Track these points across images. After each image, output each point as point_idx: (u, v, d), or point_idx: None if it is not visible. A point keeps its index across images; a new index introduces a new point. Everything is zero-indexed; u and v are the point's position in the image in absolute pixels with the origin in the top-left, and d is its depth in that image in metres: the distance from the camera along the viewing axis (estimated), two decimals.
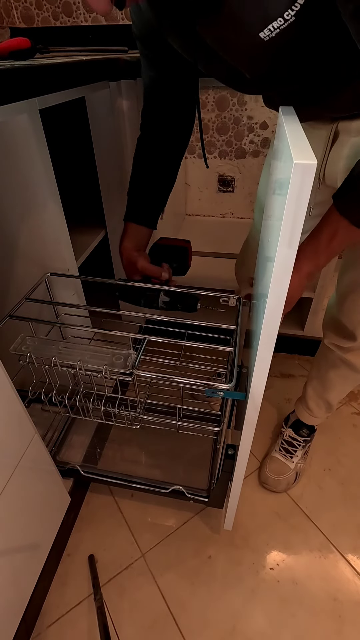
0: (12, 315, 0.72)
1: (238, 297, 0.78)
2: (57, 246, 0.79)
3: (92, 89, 0.80)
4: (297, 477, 1.01)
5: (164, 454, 1.02)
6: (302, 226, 0.34)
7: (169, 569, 0.86)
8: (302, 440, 1.03)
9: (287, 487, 1.00)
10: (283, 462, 1.02)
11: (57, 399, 0.80)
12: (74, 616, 0.79)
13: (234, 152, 1.48)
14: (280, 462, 1.02)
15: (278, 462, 1.02)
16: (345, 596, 0.82)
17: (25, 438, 0.65)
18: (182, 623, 0.78)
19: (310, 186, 0.31)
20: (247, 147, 1.46)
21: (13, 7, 1.32)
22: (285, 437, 1.05)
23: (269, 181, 0.67)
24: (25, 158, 0.67)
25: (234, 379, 0.60)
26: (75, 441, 1.01)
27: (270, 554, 0.89)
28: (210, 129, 1.45)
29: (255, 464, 1.06)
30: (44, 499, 0.75)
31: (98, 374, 0.67)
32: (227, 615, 0.79)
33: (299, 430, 1.04)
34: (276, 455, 1.03)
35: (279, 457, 1.03)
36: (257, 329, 0.50)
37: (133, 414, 0.81)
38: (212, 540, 0.91)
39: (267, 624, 0.78)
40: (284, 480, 0.99)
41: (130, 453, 1.02)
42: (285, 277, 0.38)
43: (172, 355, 0.90)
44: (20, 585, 0.70)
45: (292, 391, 1.28)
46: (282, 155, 0.41)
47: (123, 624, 0.78)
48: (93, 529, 0.92)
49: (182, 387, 0.76)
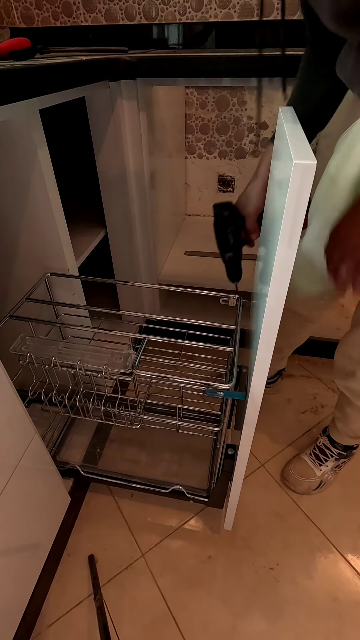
0: (12, 315, 0.72)
1: (238, 297, 0.78)
2: (57, 246, 0.79)
3: (92, 89, 0.80)
4: (321, 485, 0.97)
5: (164, 454, 1.02)
6: (302, 226, 0.34)
7: (169, 569, 0.86)
8: (336, 452, 0.98)
9: (307, 491, 0.97)
10: (309, 466, 0.98)
11: (57, 399, 0.80)
12: (74, 616, 0.79)
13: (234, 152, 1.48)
14: (306, 465, 0.99)
15: (304, 465, 0.99)
16: (345, 596, 0.82)
17: (25, 438, 0.65)
18: (182, 623, 0.78)
19: (310, 186, 0.31)
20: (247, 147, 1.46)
21: (13, 7, 1.32)
22: (319, 443, 1.01)
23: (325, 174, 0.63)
24: (25, 158, 0.67)
25: (234, 379, 0.60)
26: (75, 441, 1.02)
27: (270, 554, 0.88)
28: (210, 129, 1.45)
29: (256, 464, 1.06)
30: (43, 499, 0.75)
31: (98, 374, 0.67)
32: (227, 615, 0.79)
33: (334, 442, 0.99)
34: (304, 458, 1.00)
35: (307, 460, 1.00)
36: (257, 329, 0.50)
37: (133, 414, 0.81)
38: (212, 540, 0.91)
39: (267, 624, 0.78)
40: (305, 483, 0.97)
41: (130, 453, 1.03)
42: (286, 276, 0.38)
43: (172, 355, 0.90)
44: (20, 585, 0.70)
45: (292, 391, 1.28)
46: (282, 155, 0.41)
47: (123, 624, 0.78)
48: (93, 529, 0.92)
49: (182, 387, 0.76)
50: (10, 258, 0.82)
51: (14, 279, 0.85)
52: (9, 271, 0.84)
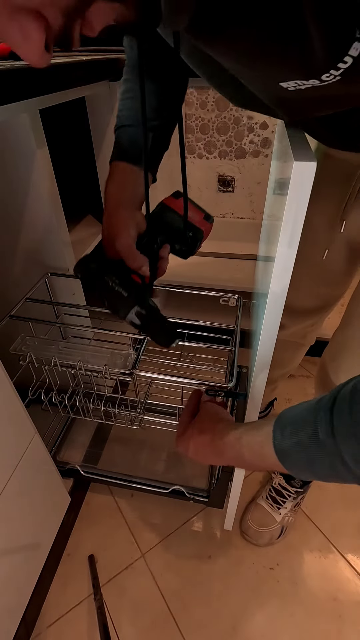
0: (12, 315, 0.72)
1: (238, 297, 0.78)
2: (57, 246, 0.78)
3: (92, 89, 0.80)
4: (283, 531, 0.90)
5: (164, 454, 1.02)
6: (302, 226, 0.34)
7: (169, 569, 0.86)
8: (293, 491, 0.91)
9: (270, 542, 0.89)
10: (268, 512, 0.91)
11: (57, 399, 0.80)
12: (74, 616, 0.79)
13: (234, 152, 1.48)
14: (264, 512, 0.91)
15: (262, 511, 0.91)
16: (345, 596, 0.82)
17: (25, 438, 0.65)
18: (182, 623, 0.78)
19: (310, 186, 0.31)
20: (247, 147, 1.46)
21: None
22: (275, 484, 0.93)
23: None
24: (26, 158, 0.67)
25: (234, 379, 0.60)
26: (75, 441, 1.01)
27: (270, 554, 0.88)
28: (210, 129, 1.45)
29: None
30: (44, 499, 0.75)
31: (98, 374, 0.67)
32: (227, 615, 0.79)
33: (290, 480, 0.92)
34: (261, 504, 0.93)
35: (264, 505, 0.92)
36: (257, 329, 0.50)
37: (133, 414, 0.81)
38: (212, 540, 0.91)
39: (267, 624, 0.78)
40: (266, 534, 0.89)
41: (130, 453, 1.02)
42: (286, 277, 0.38)
43: (172, 355, 0.90)
44: (20, 585, 0.69)
45: (292, 391, 1.28)
46: (283, 155, 0.41)
47: (123, 624, 0.78)
48: (93, 529, 0.92)
49: (182, 387, 0.76)
50: (10, 258, 0.82)
51: (14, 279, 0.85)
52: (9, 271, 0.84)
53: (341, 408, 0.31)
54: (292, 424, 0.37)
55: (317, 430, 0.33)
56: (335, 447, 0.31)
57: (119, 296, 0.49)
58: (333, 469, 0.32)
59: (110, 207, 0.51)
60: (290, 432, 0.36)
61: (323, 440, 0.32)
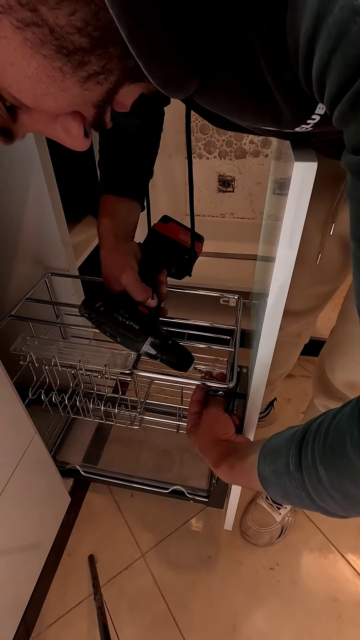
0: (12, 315, 0.72)
1: (238, 297, 0.77)
2: (57, 246, 0.78)
3: None
4: (283, 531, 0.90)
5: (164, 453, 1.02)
6: (302, 226, 0.34)
7: (169, 569, 0.86)
8: None
9: (270, 542, 0.89)
10: (268, 512, 0.90)
11: (57, 399, 0.80)
12: (74, 616, 0.79)
13: (234, 152, 1.48)
14: (264, 512, 0.91)
15: (262, 512, 0.91)
16: (345, 596, 0.82)
17: (25, 438, 0.65)
18: (182, 623, 0.78)
19: (311, 186, 0.31)
20: (247, 147, 1.46)
21: None
22: None
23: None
24: (25, 157, 0.67)
25: (234, 379, 0.60)
26: (75, 441, 1.01)
27: (270, 554, 0.88)
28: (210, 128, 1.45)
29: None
30: (44, 499, 0.75)
31: (98, 373, 0.67)
32: (227, 615, 0.79)
33: None
34: (261, 504, 0.93)
35: (264, 505, 0.92)
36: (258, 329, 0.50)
37: (133, 414, 0.81)
38: (212, 540, 0.91)
39: (267, 623, 0.78)
40: (266, 534, 0.89)
41: (130, 453, 1.02)
42: (286, 277, 0.38)
43: None
44: (20, 585, 0.70)
45: (292, 391, 1.28)
46: (283, 155, 0.41)
47: (123, 624, 0.78)
48: (93, 529, 0.92)
49: (182, 387, 0.76)
50: (10, 258, 0.82)
51: (14, 279, 0.85)
52: (9, 271, 0.84)
53: (307, 444, 0.33)
54: (271, 453, 0.39)
55: (289, 462, 0.35)
56: (302, 480, 0.33)
57: (131, 330, 0.50)
58: (301, 500, 0.35)
59: (106, 242, 0.51)
60: (270, 461, 0.39)
61: (292, 473, 0.34)
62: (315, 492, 0.33)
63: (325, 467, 0.31)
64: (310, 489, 0.33)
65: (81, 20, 0.21)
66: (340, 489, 0.30)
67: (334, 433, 0.31)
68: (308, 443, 0.33)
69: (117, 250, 0.51)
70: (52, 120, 0.27)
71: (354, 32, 0.16)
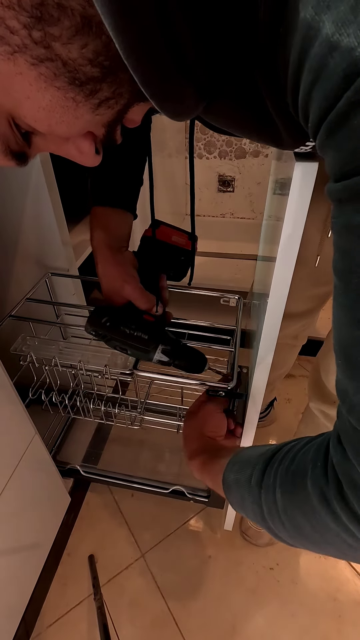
0: (12, 315, 0.72)
1: (238, 297, 0.77)
2: (57, 246, 0.78)
3: None
4: None
5: (164, 454, 1.02)
6: (303, 226, 0.34)
7: (169, 569, 0.86)
8: None
9: (270, 542, 0.89)
10: None
11: (57, 399, 0.80)
12: (74, 616, 0.79)
13: (234, 152, 1.48)
14: None
15: None
16: (345, 596, 0.82)
17: (25, 438, 0.65)
18: (182, 623, 0.78)
19: (311, 186, 0.31)
20: (247, 147, 1.46)
21: None
22: None
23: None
24: None
25: (234, 379, 0.60)
26: (75, 441, 1.01)
27: (270, 554, 0.88)
28: None
29: None
30: (44, 499, 0.75)
31: (98, 374, 0.67)
32: (227, 615, 0.79)
33: None
34: None
35: None
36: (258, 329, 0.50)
37: (133, 414, 0.81)
38: (212, 540, 0.91)
39: (266, 624, 0.78)
40: (266, 534, 0.86)
41: (130, 453, 1.02)
42: (287, 277, 0.38)
43: None
44: (20, 585, 0.70)
45: (292, 391, 1.28)
46: (283, 156, 0.41)
47: (123, 624, 0.78)
48: (93, 529, 0.92)
49: (182, 387, 0.76)
50: (10, 258, 0.82)
51: (14, 279, 0.85)
52: (10, 271, 0.84)
53: (273, 464, 0.34)
54: (240, 462, 0.40)
55: (252, 475, 0.35)
56: (258, 497, 0.34)
57: (140, 341, 0.50)
58: (255, 515, 0.35)
59: (102, 256, 0.50)
60: (237, 469, 0.39)
61: (252, 487, 0.35)
62: (269, 512, 0.33)
63: (282, 491, 0.31)
64: (264, 508, 0.33)
65: (92, 52, 0.22)
66: (291, 518, 0.31)
67: (300, 460, 0.31)
68: (275, 463, 0.34)
69: (115, 262, 0.50)
70: (64, 141, 0.28)
71: (331, 66, 0.17)
